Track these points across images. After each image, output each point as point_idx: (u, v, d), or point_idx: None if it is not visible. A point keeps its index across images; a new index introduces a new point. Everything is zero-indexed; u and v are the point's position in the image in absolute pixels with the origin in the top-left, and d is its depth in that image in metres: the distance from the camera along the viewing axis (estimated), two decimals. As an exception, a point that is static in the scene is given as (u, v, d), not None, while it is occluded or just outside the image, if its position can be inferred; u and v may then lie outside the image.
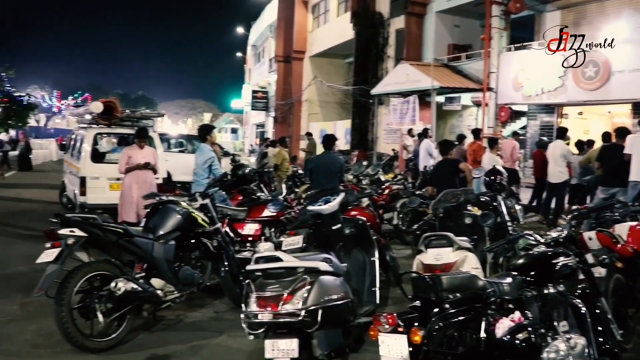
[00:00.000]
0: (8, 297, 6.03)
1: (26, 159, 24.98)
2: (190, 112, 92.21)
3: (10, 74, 56.82)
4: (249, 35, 47.69)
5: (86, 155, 9.92)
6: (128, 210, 7.87)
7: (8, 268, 7.28)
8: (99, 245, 4.90)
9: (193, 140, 17.08)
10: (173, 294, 5.10)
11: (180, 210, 5.26)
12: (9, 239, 9.21)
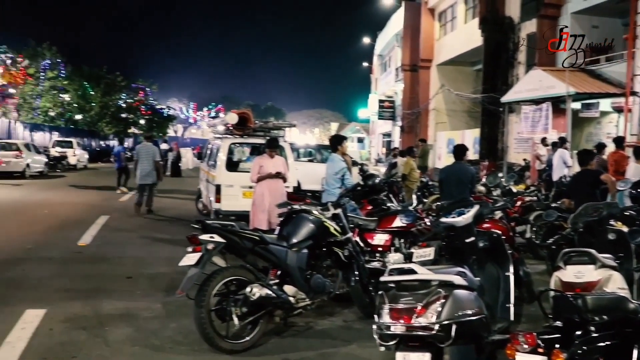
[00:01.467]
0: (153, 295, 6.44)
1: (177, 166, 27.00)
2: (318, 122, 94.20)
3: (153, 88, 61.17)
4: (375, 45, 47.97)
5: (221, 164, 10.41)
6: (260, 218, 8.11)
7: (152, 268, 7.79)
8: (235, 251, 5.11)
9: (322, 150, 17.42)
10: (304, 301, 5.19)
11: (313, 219, 5.36)
12: (153, 242, 9.87)
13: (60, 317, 5.53)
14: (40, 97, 42.00)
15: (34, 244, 9.27)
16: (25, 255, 8.50)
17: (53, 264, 7.96)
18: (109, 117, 51.48)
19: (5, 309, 5.78)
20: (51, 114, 43.50)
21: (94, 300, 6.16)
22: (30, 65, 40.66)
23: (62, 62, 44.84)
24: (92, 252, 8.80)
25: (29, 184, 21.03)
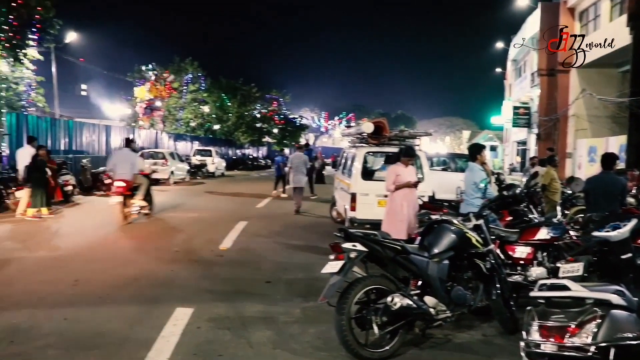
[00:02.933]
0: (291, 300, 6.60)
1: (320, 174, 27.80)
2: (449, 130, 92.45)
3: (286, 98, 63.09)
4: (508, 50, 46.30)
5: (357, 173, 10.51)
6: (400, 228, 7.99)
7: (290, 274, 8.00)
8: (376, 260, 5.12)
9: (456, 159, 17.06)
10: (445, 313, 5.08)
11: (455, 230, 5.24)
12: (289, 248, 10.14)
13: (206, 317, 5.83)
14: (183, 109, 44.84)
15: (180, 247, 9.88)
16: (173, 257, 9.08)
17: (198, 266, 8.43)
18: (245, 127, 53.79)
19: (159, 306, 6.21)
20: (192, 125, 46.22)
21: (236, 302, 6.42)
22: (175, 80, 43.56)
23: (203, 75, 47.55)
24: (233, 256, 9.20)
25: (173, 190, 22.46)
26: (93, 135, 25.23)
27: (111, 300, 6.47)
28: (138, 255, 9.22)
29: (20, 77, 22.28)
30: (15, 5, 17.75)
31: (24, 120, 19.10)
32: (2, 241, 10.11)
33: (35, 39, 20.01)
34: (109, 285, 7.12)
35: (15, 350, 4.86)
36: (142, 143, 31.18)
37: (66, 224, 12.29)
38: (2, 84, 21.49)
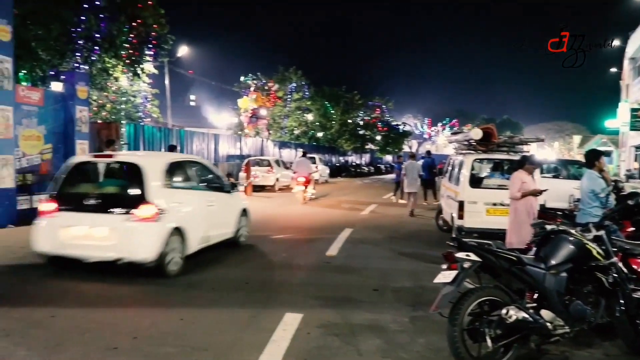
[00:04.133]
0: (399, 309, 6.54)
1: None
2: (557, 135, 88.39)
3: (389, 105, 62.95)
4: (625, 48, 43.62)
5: (465, 180, 10.28)
6: (524, 237, 7.66)
7: (396, 282, 7.93)
8: (490, 271, 4.96)
9: (568, 166, 16.30)
10: (562, 328, 4.84)
11: (574, 241, 4.98)
12: (395, 255, 10.07)
13: (315, 323, 5.89)
14: (287, 117, 45.85)
15: (288, 253, 10.07)
16: (281, 262, 9.28)
17: (305, 271, 8.56)
18: (348, 134, 54.17)
19: (268, 310, 6.34)
20: (296, 132, 47.15)
21: (344, 309, 6.44)
22: (279, 89, 44.67)
23: (306, 84, 48.44)
24: (340, 263, 9.26)
25: (278, 196, 22.98)
26: (203, 143, 26.34)
27: (223, 302, 6.70)
28: (247, 259, 9.49)
29: (137, 90, 23.74)
30: (135, 25, 18.94)
31: (140, 130, 20.27)
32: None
33: (151, 54, 21.25)
34: (220, 288, 7.38)
35: (137, 346, 5.13)
36: (248, 151, 32.18)
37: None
38: (122, 97, 22.98)
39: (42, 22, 15.77)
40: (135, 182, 7.78)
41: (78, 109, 15.38)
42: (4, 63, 12.25)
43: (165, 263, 7.71)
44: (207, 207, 9.14)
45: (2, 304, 6.39)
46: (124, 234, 7.51)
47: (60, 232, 7.72)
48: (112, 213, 7.60)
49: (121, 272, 7.74)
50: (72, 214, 7.79)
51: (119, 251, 7.52)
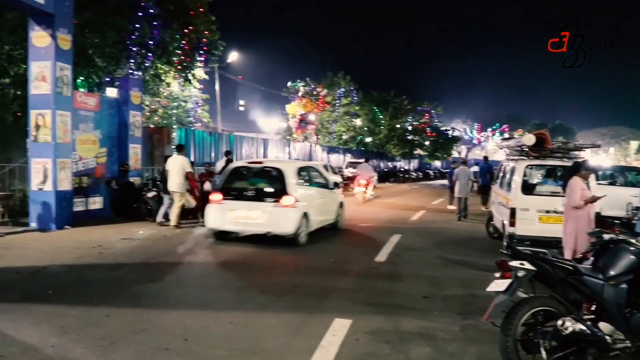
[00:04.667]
0: (450, 317, 6.44)
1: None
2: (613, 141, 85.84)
3: (438, 110, 62.32)
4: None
5: (517, 187, 10.07)
6: (585, 245, 7.47)
7: (447, 289, 7.82)
8: (545, 281, 4.83)
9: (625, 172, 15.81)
10: (623, 342, 4.64)
11: (635, 251, 4.80)
12: (445, 262, 9.94)
13: (364, 329, 5.85)
14: (335, 122, 45.91)
15: (337, 258, 10.05)
16: (331, 267, 9.28)
17: (354, 277, 8.53)
18: (396, 139, 53.90)
19: (317, 315, 6.34)
20: (344, 137, 47.16)
21: (393, 315, 6.39)
22: (328, 94, 44.80)
23: (355, 89, 48.43)
24: (389, 269, 9.19)
25: (327, 201, 22.94)
26: (252, 147, 26.61)
27: (272, 307, 6.72)
28: (297, 264, 9.55)
29: (188, 95, 24.21)
30: (187, 32, 19.32)
31: (191, 134, 20.63)
32: (178, 245, 10.94)
33: (202, 60, 21.60)
34: (269, 292, 7.42)
35: (189, 348, 5.20)
36: (297, 155, 32.36)
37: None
38: (173, 102, 23.45)
39: (98, 30, 16.22)
40: (279, 181, 11.11)
41: (131, 114, 15.79)
42: (64, 70, 12.67)
43: (298, 236, 10.96)
44: (320, 199, 12.47)
45: (59, 302, 6.58)
46: (272, 216, 10.82)
47: (227, 214, 11.09)
48: (263, 201, 10.98)
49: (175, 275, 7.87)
50: (235, 201, 11.14)
51: (269, 227, 10.91)
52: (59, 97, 12.54)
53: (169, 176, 13.10)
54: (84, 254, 9.67)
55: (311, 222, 11.58)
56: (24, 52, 14.06)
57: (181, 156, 13.52)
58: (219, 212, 11.19)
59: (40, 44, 12.42)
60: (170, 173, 13.10)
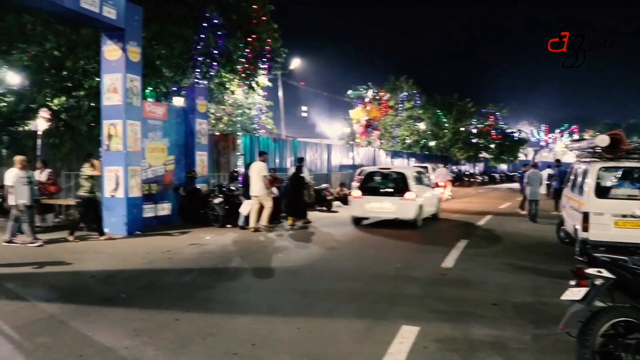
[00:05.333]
0: (521, 325, 6.23)
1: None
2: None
3: (503, 112, 60.95)
4: None
5: (590, 190, 9.68)
6: None
7: (517, 297, 7.58)
8: (625, 289, 4.60)
9: None
10: None
11: None
12: (514, 269, 9.66)
13: (432, 336, 5.74)
14: (398, 127, 45.60)
15: (402, 263, 9.95)
16: (396, 273, 9.18)
17: (421, 283, 8.40)
18: (461, 143, 53.06)
19: (384, 322, 6.27)
20: (408, 142, 46.77)
21: (462, 323, 6.25)
22: (390, 98, 44.56)
23: (418, 93, 48.00)
24: (456, 275, 9.01)
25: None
26: (316, 153, 26.73)
27: (339, 313, 6.70)
28: (363, 269, 9.47)
29: (252, 102, 24.57)
30: (250, 40, 19.66)
31: (256, 141, 20.91)
32: (244, 251, 11.09)
33: (265, 67, 21.91)
34: (336, 298, 7.41)
35: (256, 353, 5.24)
36: (361, 160, 32.29)
37: (299, 237, 13.10)
38: (238, 110, 23.85)
39: (165, 42, 16.70)
40: (402, 181, 15.19)
41: (198, 122, 16.14)
42: (134, 82, 13.11)
43: (416, 221, 14.91)
44: (428, 195, 16.31)
45: (132, 305, 6.79)
46: (399, 206, 14.84)
47: (365, 205, 15.23)
48: (392, 196, 15.05)
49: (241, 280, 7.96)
50: (370, 196, 15.24)
51: (397, 214, 14.92)
52: (129, 107, 12.98)
53: (251, 181, 13.71)
54: (154, 259, 9.93)
55: (423, 212, 15.52)
56: (96, 65, 14.64)
57: (260, 161, 14.12)
58: (359, 204, 15.30)
59: (112, 57, 12.90)
60: (251, 178, 13.70)
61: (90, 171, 12.02)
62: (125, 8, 12.67)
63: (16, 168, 11.31)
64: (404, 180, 15.13)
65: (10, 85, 16.53)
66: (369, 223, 15.84)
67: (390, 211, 14.92)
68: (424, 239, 13.18)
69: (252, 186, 13.65)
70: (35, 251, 10.63)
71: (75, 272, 8.82)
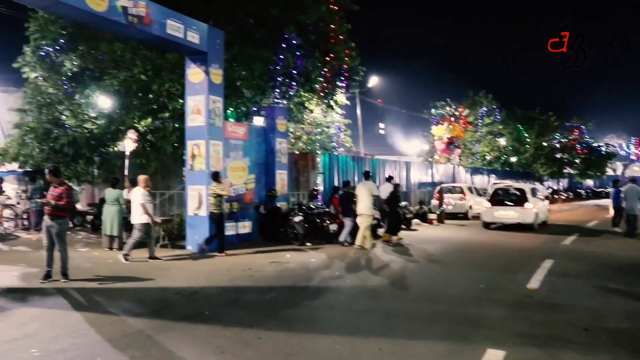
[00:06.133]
0: (617, 353, 5.87)
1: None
2: None
3: (589, 126, 58.58)
4: None
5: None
6: None
7: (610, 322, 7.18)
8: None
9: None
10: None
11: None
12: (606, 291, 9.17)
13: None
14: (478, 143, 44.70)
15: (485, 284, 9.67)
16: (478, 294, 8.93)
17: (505, 305, 8.11)
18: (544, 158, 51.41)
19: (469, 345, 6.10)
20: (488, 158, 45.73)
21: (551, 348, 5.98)
22: (470, 114, 43.80)
23: (497, 108, 46.98)
24: (542, 298, 8.65)
25: (471, 224, 22.32)
26: (394, 170, 26.54)
27: (421, 334, 6.57)
28: (445, 289, 9.27)
29: (331, 121, 24.77)
30: (328, 60, 19.88)
31: (335, 159, 21.02)
32: (325, 269, 11.12)
33: (343, 86, 22.06)
34: (418, 319, 7.29)
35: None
36: (440, 177, 31.82)
37: (382, 255, 13.02)
38: (316, 128, 24.10)
39: (246, 63, 17.14)
40: (522, 194, 19.62)
41: (278, 141, 16.41)
42: (216, 103, 13.52)
43: (533, 225, 19.36)
44: (539, 205, 20.69)
45: (215, 323, 6.92)
46: (520, 214, 19.23)
47: (494, 213, 19.87)
48: (514, 205, 19.45)
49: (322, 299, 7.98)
50: (498, 207, 19.81)
51: (519, 220, 19.24)
52: (212, 128, 13.37)
53: (358, 200, 14.28)
54: (236, 277, 10.12)
55: (538, 218, 19.93)
56: (180, 88, 15.22)
57: (369, 181, 14.96)
58: (490, 213, 20.01)
59: (196, 79, 13.37)
60: (359, 197, 14.27)
61: (219, 190, 12.77)
62: (208, 32, 13.12)
63: (140, 187, 11.91)
64: (523, 194, 19.63)
65: (102, 108, 17.45)
66: (449, 241, 15.51)
67: (514, 217, 19.40)
68: (508, 258, 12.79)
69: (360, 204, 14.17)
70: (124, 266, 11.07)
71: (160, 288, 9.10)
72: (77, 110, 17.66)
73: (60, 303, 7.96)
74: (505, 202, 19.79)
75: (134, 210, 11.92)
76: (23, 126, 17.72)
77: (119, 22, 10.95)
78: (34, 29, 17.41)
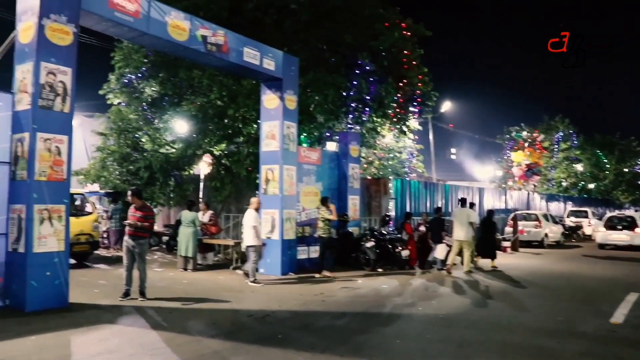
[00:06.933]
0: None
1: None
2: None
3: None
4: None
5: None
6: None
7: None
8: None
9: None
10: None
11: None
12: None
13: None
14: (554, 168, 43.32)
15: (565, 316, 9.27)
16: (556, 326, 8.56)
17: (586, 339, 7.75)
18: (625, 185, 49.27)
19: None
20: (564, 184, 44.22)
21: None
22: (545, 139, 42.56)
23: (574, 132, 45.52)
24: (628, 333, 8.20)
25: (546, 253, 21.58)
26: (467, 196, 26.03)
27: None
28: (521, 320, 8.94)
29: (403, 146, 24.64)
30: (401, 85, 19.87)
31: (407, 185, 20.85)
32: (397, 296, 10.99)
33: (416, 111, 21.95)
34: (492, 351, 7.08)
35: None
36: (514, 204, 30.96)
37: (457, 283, 12.77)
38: (388, 154, 24.03)
39: (319, 89, 17.33)
40: (632, 221, 23.57)
41: (350, 166, 16.47)
42: (290, 128, 13.75)
43: None
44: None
45: (288, 346, 6.94)
46: (632, 237, 23.06)
47: (608, 236, 23.73)
48: (627, 230, 23.34)
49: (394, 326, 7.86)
50: (611, 231, 23.70)
51: (630, 242, 23.02)
52: (285, 152, 13.58)
53: (455, 226, 14.67)
54: (308, 301, 10.14)
55: None
56: (255, 114, 15.56)
57: (466, 208, 15.20)
58: (604, 236, 23.68)
59: (270, 105, 13.66)
60: (456, 223, 14.72)
61: (327, 214, 13.33)
62: (283, 59, 13.41)
63: (252, 209, 12.25)
64: (633, 221, 23.45)
65: (179, 133, 18.05)
66: (524, 269, 15.03)
67: (625, 240, 22.87)
68: (590, 289, 12.26)
69: (457, 231, 14.60)
70: (199, 288, 11.31)
71: (234, 310, 9.23)
72: (155, 135, 18.35)
73: (138, 321, 8.22)
74: (617, 227, 23.53)
75: (246, 233, 12.16)
76: (105, 149, 18.55)
77: (199, 50, 11.37)
78: (118, 57, 18.31)
